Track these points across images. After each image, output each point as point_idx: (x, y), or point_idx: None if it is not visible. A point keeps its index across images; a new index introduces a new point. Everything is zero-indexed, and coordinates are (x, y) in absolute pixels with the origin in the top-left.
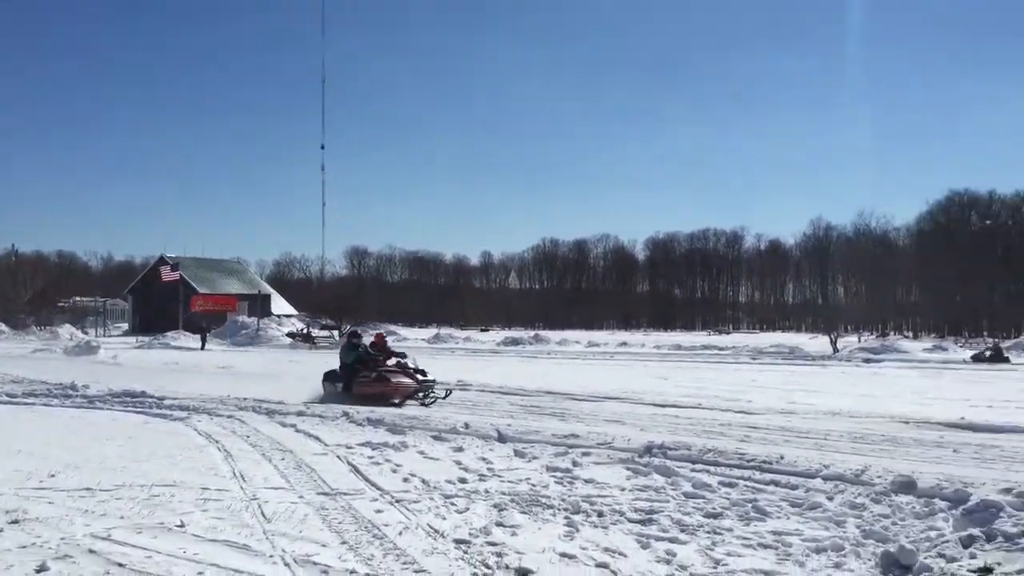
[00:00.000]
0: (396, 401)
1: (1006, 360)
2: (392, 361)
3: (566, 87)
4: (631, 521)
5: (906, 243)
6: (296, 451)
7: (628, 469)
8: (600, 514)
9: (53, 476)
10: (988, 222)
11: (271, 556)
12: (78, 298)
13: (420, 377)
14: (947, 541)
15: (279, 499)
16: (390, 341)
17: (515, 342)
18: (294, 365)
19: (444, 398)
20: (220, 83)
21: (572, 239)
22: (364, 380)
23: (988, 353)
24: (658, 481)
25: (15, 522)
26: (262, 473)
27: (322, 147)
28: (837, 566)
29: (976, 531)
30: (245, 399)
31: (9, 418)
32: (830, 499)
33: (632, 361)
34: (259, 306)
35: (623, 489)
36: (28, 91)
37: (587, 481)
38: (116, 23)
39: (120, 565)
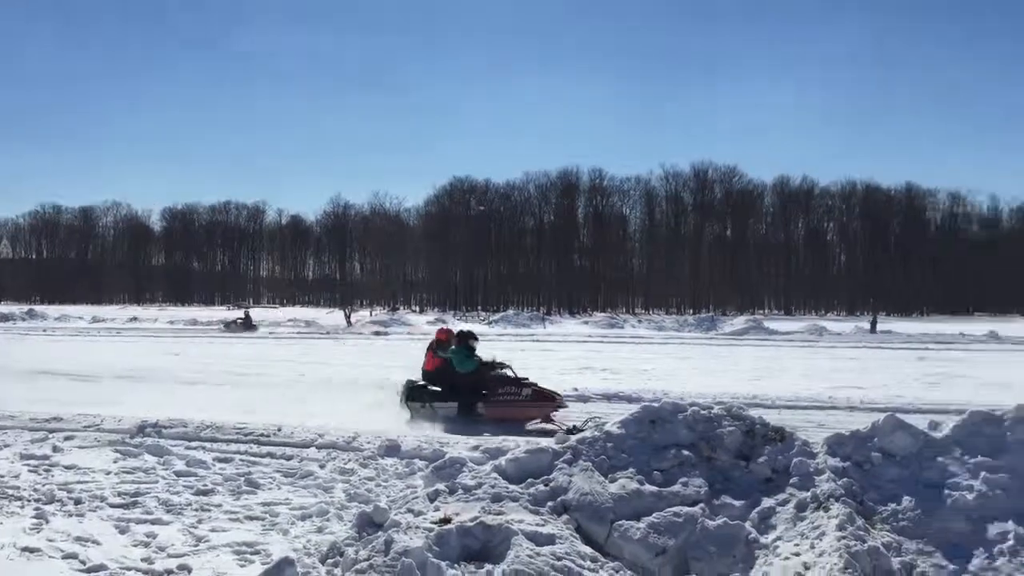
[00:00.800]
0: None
1: (255, 328)
2: None
3: (82, 43)
4: (113, 506)
5: (416, 224)
6: None
7: (117, 451)
8: (78, 502)
9: None
10: (483, 208)
11: None
12: None
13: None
14: (417, 497)
15: None
16: None
17: (4, 318)
18: None
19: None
20: None
21: (77, 206)
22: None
23: (239, 320)
24: (149, 462)
25: None
26: None
27: None
28: (319, 530)
29: (441, 486)
30: None
31: None
32: (322, 467)
33: (142, 337)
34: None
35: (108, 473)
36: None
37: (67, 467)
38: None
39: None
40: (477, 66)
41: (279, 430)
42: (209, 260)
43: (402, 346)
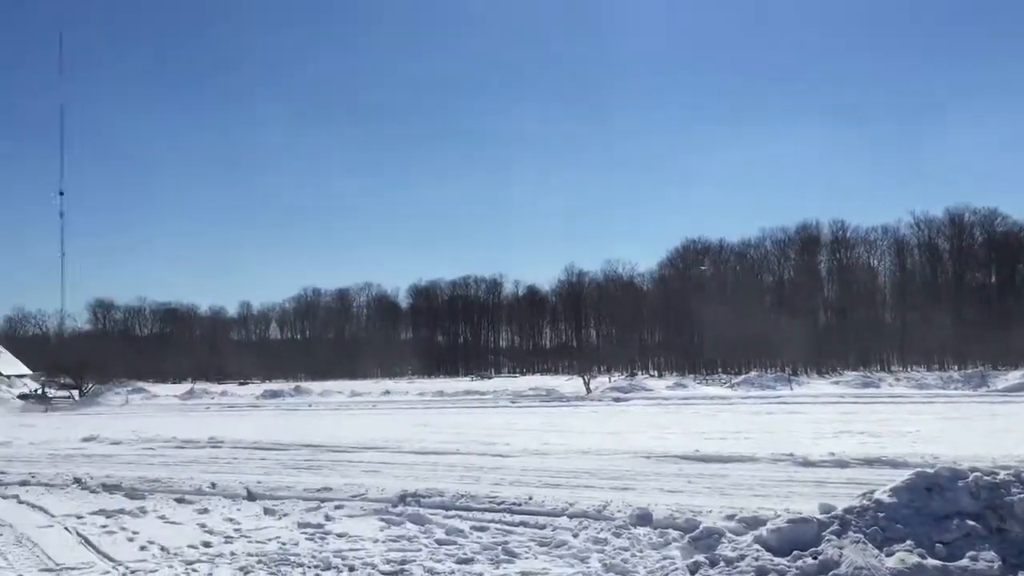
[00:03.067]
0: None
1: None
2: None
3: (325, 138)
4: (383, 573)
5: (649, 288)
6: (16, 524)
7: (382, 520)
8: (352, 568)
9: None
10: (707, 268)
11: None
12: None
13: None
14: (677, 569)
15: None
16: (138, 399)
17: (275, 395)
18: (25, 430)
19: None
20: None
21: (334, 288)
22: None
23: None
24: (411, 530)
25: None
26: None
27: (61, 193)
28: None
29: (701, 557)
30: None
31: None
32: (575, 536)
33: (395, 410)
34: None
35: (376, 541)
36: None
37: (339, 535)
38: None
39: None
40: (702, 120)
41: (530, 499)
42: (451, 333)
43: (640, 411)
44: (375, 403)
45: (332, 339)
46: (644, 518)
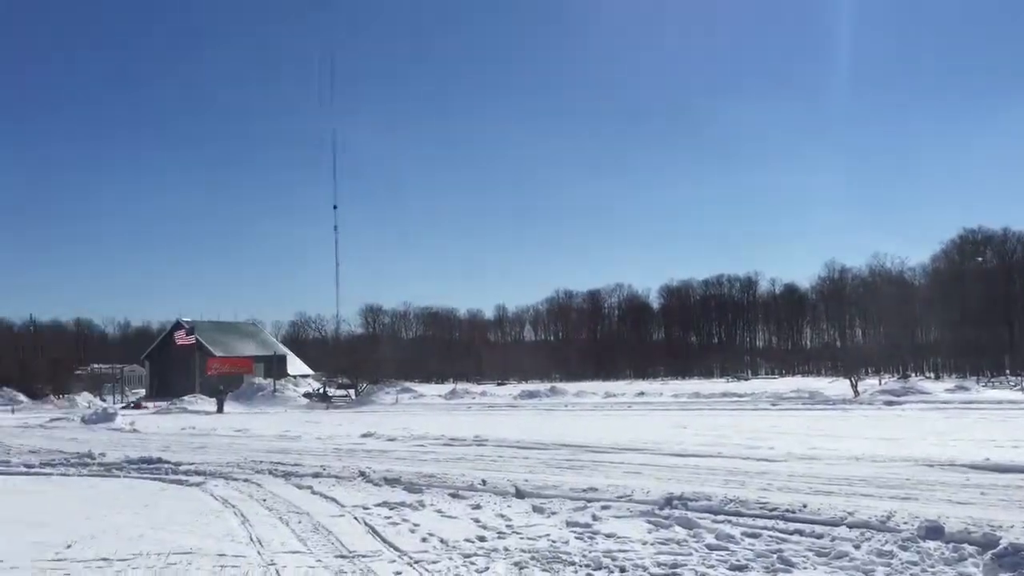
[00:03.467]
0: None
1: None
2: None
3: (575, 141)
4: None
5: (922, 283)
6: (313, 513)
7: (649, 522)
8: (623, 569)
9: (70, 547)
10: (980, 259)
11: None
12: (96, 365)
13: None
14: None
15: (297, 563)
16: (406, 398)
17: (532, 395)
18: (311, 426)
19: None
20: (231, 147)
21: (586, 290)
22: None
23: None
24: (680, 534)
25: None
26: (279, 537)
27: (335, 207)
28: None
29: None
30: (261, 462)
31: (26, 488)
32: (857, 547)
33: (650, 411)
34: (275, 367)
35: (645, 543)
36: (38, 164)
37: (608, 536)
38: (124, 90)
39: None
40: (973, 96)
41: (805, 506)
42: (705, 334)
43: (917, 416)
44: (630, 404)
45: (584, 340)
46: (934, 531)
